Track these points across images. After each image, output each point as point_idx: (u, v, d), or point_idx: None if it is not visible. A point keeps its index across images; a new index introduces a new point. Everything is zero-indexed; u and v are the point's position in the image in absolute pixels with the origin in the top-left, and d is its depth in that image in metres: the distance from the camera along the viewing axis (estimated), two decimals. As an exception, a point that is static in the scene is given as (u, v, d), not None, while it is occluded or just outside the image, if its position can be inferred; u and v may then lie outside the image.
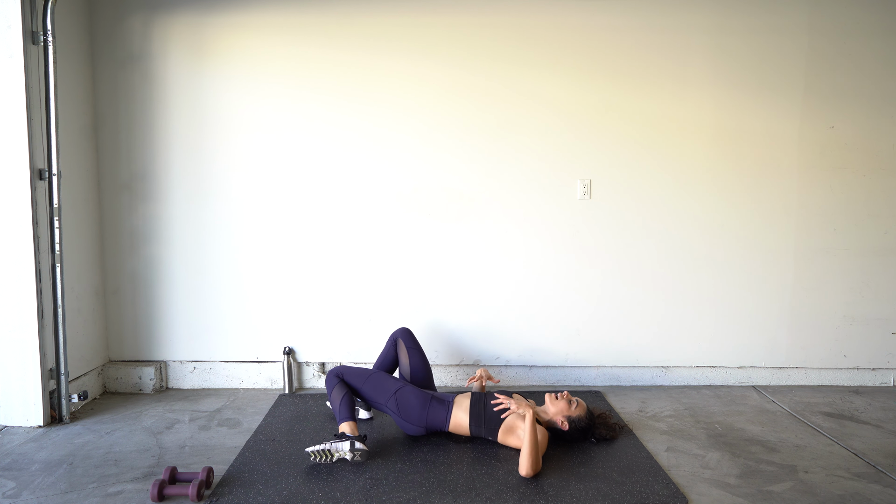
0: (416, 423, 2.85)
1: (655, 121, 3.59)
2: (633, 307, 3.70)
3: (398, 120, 3.56)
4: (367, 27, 3.51)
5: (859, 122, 3.62)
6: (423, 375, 3.15)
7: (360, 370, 2.96)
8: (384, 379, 2.93)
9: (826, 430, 3.08)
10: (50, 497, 2.37)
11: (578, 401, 2.86)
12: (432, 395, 2.90)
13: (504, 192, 3.62)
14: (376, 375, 2.95)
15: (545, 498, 2.36)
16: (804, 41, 3.56)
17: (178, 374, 3.66)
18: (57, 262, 3.07)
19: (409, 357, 3.16)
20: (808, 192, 3.65)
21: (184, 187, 3.56)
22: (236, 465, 2.62)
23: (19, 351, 3.00)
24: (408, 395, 2.87)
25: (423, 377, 3.15)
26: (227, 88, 3.52)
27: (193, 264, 3.61)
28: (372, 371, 2.98)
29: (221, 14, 3.48)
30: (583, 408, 2.84)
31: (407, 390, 2.89)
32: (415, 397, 2.87)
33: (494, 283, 3.67)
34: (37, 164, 2.99)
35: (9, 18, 2.87)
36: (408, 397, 2.87)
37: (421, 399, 2.87)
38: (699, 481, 2.54)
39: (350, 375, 2.92)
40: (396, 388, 2.89)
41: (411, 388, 2.91)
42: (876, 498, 2.41)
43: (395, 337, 3.25)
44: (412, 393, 2.89)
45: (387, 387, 2.89)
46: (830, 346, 3.75)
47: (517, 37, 3.53)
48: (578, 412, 2.81)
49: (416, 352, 3.18)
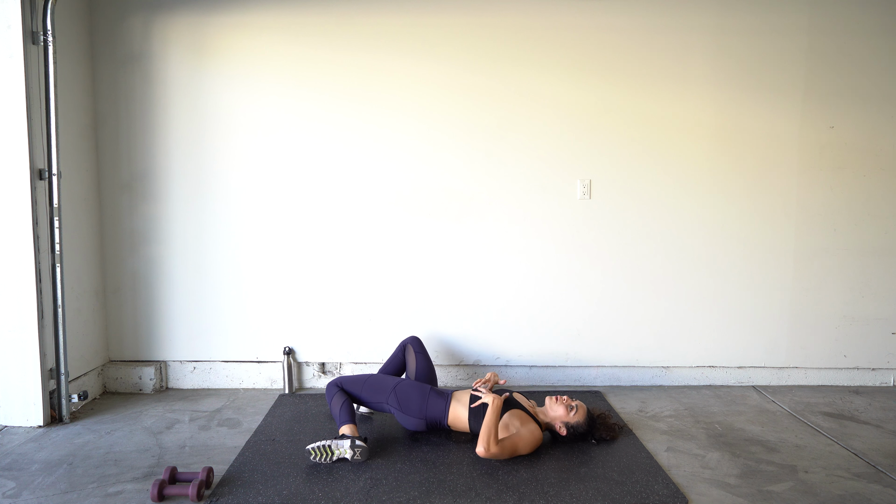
0: (416, 416, 2.87)
1: (656, 121, 3.59)
2: (633, 307, 3.70)
3: (398, 120, 3.56)
4: (367, 27, 3.51)
5: (859, 122, 3.62)
6: (427, 378, 3.20)
7: (358, 377, 3.01)
8: (382, 378, 3.00)
9: (826, 430, 3.08)
10: (50, 497, 2.37)
11: (578, 405, 2.85)
12: (431, 388, 2.96)
13: (504, 192, 3.62)
14: (374, 377, 3.00)
15: (545, 498, 2.36)
16: (804, 41, 3.56)
17: (178, 374, 3.66)
18: (57, 262, 3.07)
19: (415, 361, 3.24)
20: (808, 192, 3.66)
21: (184, 187, 3.56)
22: (236, 465, 2.62)
23: (19, 351, 3.00)
24: (406, 388, 2.92)
25: (427, 379, 3.20)
26: (227, 88, 3.52)
27: (193, 264, 3.61)
28: (370, 374, 3.03)
29: (221, 14, 3.48)
30: (582, 413, 2.84)
31: (406, 383, 2.95)
32: (413, 389, 2.92)
33: (494, 282, 3.67)
34: (37, 164, 2.99)
35: (9, 18, 2.87)
36: (407, 390, 2.92)
37: (420, 391, 2.92)
38: (699, 481, 2.54)
39: (349, 384, 2.97)
40: (395, 383, 2.95)
41: (410, 382, 2.99)
42: (876, 498, 2.41)
43: (405, 343, 3.33)
44: (411, 385, 2.95)
45: (385, 384, 2.95)
46: (830, 346, 3.75)
47: (517, 37, 3.53)
48: (577, 418, 2.81)
49: (423, 356, 3.27)
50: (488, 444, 2.59)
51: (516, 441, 2.65)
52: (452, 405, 2.86)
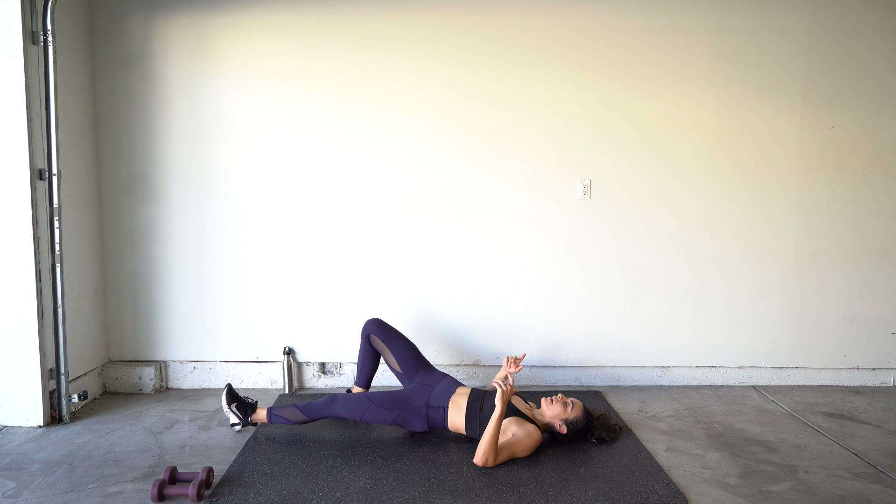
0: (420, 429, 2.87)
1: (656, 121, 3.59)
2: (633, 307, 3.70)
3: (398, 120, 3.56)
4: (367, 27, 3.51)
5: (859, 122, 3.62)
6: (414, 361, 3.07)
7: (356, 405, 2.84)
8: (378, 412, 2.83)
9: (826, 430, 3.08)
10: (50, 497, 2.37)
11: (574, 402, 2.86)
12: (427, 405, 2.85)
13: (504, 192, 3.62)
14: (371, 410, 2.83)
15: (545, 498, 2.36)
16: (804, 41, 3.56)
17: (178, 374, 3.66)
18: (57, 262, 3.07)
19: (390, 351, 3.09)
20: (808, 192, 3.66)
21: (184, 187, 3.56)
22: (236, 465, 2.62)
23: (19, 351, 3.00)
24: (406, 416, 2.84)
25: (414, 362, 3.06)
26: (227, 88, 3.52)
27: (193, 264, 3.61)
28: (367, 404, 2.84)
29: (221, 14, 3.48)
30: (579, 408, 2.84)
31: (404, 415, 2.84)
32: (411, 415, 2.84)
33: (494, 282, 3.67)
34: (37, 164, 2.99)
35: (9, 18, 2.87)
36: (406, 417, 2.85)
37: (418, 415, 2.84)
38: (699, 481, 2.54)
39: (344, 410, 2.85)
40: (392, 416, 2.84)
41: (408, 412, 2.84)
42: (876, 498, 2.41)
43: (367, 334, 3.18)
44: (408, 413, 2.84)
45: (384, 417, 2.84)
46: (830, 346, 3.75)
47: (517, 37, 3.53)
48: (575, 414, 2.81)
49: (397, 341, 3.11)
50: (487, 455, 2.56)
51: (513, 446, 2.64)
52: (450, 415, 2.83)
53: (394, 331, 3.18)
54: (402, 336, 3.18)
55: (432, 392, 2.90)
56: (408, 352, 3.10)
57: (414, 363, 3.08)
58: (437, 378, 2.98)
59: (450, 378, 2.99)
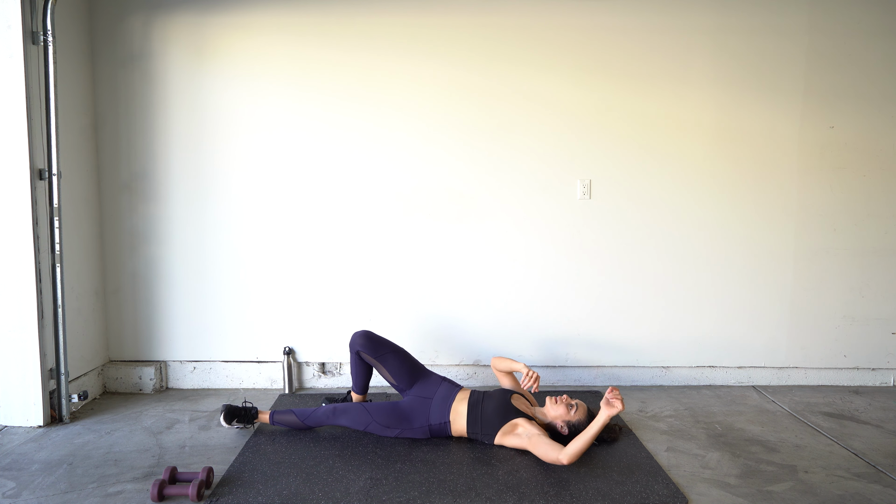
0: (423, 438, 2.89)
1: (656, 121, 3.59)
2: (633, 307, 3.70)
3: (398, 120, 3.56)
4: (367, 27, 3.51)
5: (859, 122, 3.62)
6: (408, 373, 2.99)
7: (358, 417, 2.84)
8: (379, 429, 2.85)
9: (826, 430, 3.08)
10: (50, 497, 2.37)
11: (578, 404, 2.85)
12: (429, 424, 2.85)
13: (504, 192, 3.62)
14: (373, 426, 2.84)
15: (545, 498, 2.36)
16: (804, 41, 3.56)
17: (178, 374, 3.66)
18: (57, 262, 3.07)
19: (383, 367, 3.00)
20: (808, 192, 3.66)
21: (184, 187, 3.56)
22: (236, 465, 2.62)
23: (19, 351, 3.00)
24: (407, 434, 2.86)
25: (409, 374, 2.99)
26: (227, 88, 3.52)
27: (193, 264, 3.61)
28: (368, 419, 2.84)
29: (221, 14, 3.48)
30: (583, 411, 2.83)
31: (405, 434, 2.86)
32: (413, 433, 2.86)
33: (494, 282, 3.67)
34: (37, 164, 2.99)
35: (9, 18, 2.87)
36: (408, 435, 2.86)
37: (420, 433, 2.86)
38: (699, 481, 2.54)
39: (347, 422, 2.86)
40: (394, 434, 2.86)
41: (409, 431, 2.85)
42: (876, 498, 2.41)
43: (355, 350, 3.05)
44: (410, 432, 2.86)
45: (386, 433, 2.86)
46: (830, 346, 3.75)
47: (517, 37, 3.53)
48: (578, 417, 2.80)
49: (388, 356, 3.00)
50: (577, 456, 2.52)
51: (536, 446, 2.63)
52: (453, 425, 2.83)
53: (383, 345, 3.04)
54: (393, 347, 3.05)
55: (431, 405, 2.88)
56: (400, 364, 3.00)
57: (409, 375, 2.99)
58: (434, 385, 2.95)
59: (447, 383, 2.97)
